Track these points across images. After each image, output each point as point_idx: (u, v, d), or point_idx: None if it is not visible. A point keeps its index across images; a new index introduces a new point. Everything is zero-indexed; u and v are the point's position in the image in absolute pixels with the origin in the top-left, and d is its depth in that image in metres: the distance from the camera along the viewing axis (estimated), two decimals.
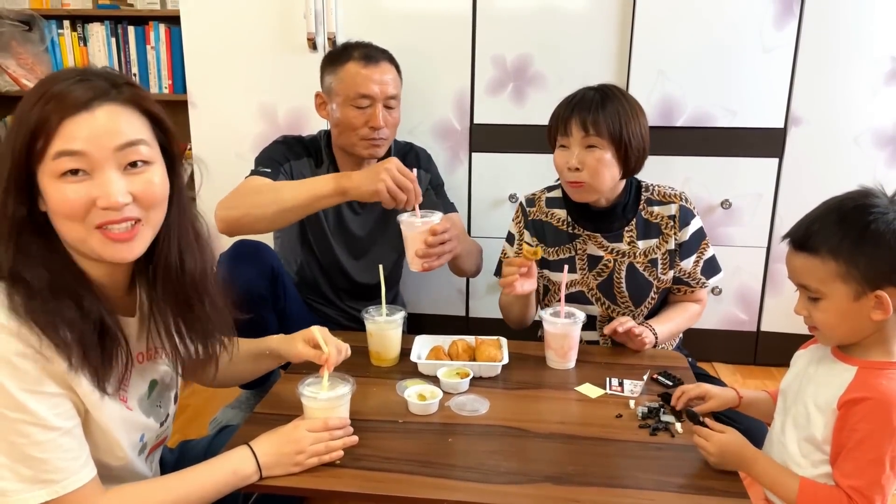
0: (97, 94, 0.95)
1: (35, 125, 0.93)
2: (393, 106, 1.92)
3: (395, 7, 2.40)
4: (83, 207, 0.95)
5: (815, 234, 1.10)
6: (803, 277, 1.13)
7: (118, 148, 0.96)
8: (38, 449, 0.94)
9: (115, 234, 0.98)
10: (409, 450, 1.23)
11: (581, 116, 1.59)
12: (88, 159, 0.94)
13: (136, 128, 0.99)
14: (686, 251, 1.73)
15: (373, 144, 1.90)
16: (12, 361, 0.91)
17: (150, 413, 1.16)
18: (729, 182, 2.39)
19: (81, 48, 2.89)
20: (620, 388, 1.48)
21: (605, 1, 2.31)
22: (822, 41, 2.26)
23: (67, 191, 0.94)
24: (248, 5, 2.43)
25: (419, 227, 1.61)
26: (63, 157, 0.93)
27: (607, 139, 1.58)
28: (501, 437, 1.28)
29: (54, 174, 0.94)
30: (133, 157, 0.98)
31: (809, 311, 1.14)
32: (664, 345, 1.76)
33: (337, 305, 2.12)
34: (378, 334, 1.58)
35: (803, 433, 1.15)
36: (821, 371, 1.17)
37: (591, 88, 1.65)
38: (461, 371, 1.49)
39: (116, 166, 0.96)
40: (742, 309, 2.51)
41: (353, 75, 1.87)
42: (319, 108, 2.01)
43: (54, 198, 0.95)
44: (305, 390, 1.22)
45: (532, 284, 1.61)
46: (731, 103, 2.33)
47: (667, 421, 1.33)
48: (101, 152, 0.95)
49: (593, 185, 1.62)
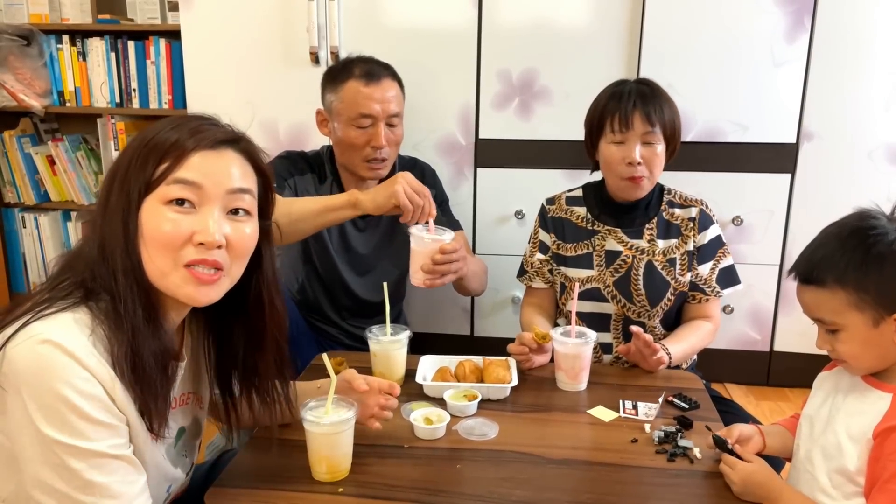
0: (228, 138, 1.02)
1: (168, 148, 0.96)
2: (395, 124, 1.89)
3: (399, 21, 2.37)
4: (180, 237, 0.96)
5: (818, 265, 1.06)
6: (817, 311, 1.08)
7: (230, 191, 1.00)
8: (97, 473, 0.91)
9: (200, 275, 0.98)
10: (416, 477, 1.18)
11: (645, 109, 1.60)
12: (201, 193, 0.97)
13: (248, 178, 1.04)
14: (703, 256, 1.72)
15: (374, 167, 1.88)
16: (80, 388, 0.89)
17: (177, 463, 1.13)
18: (740, 198, 2.35)
19: (80, 63, 2.87)
20: (635, 410, 1.43)
21: (613, 14, 2.28)
22: (833, 55, 2.23)
23: (170, 217, 0.96)
24: (250, 19, 2.41)
25: (429, 243, 1.60)
26: (178, 185, 0.96)
27: (661, 132, 1.62)
28: (512, 464, 1.23)
29: (162, 199, 0.96)
30: (239, 204, 1.01)
31: (832, 345, 1.09)
32: (679, 365, 1.71)
33: (339, 325, 2.07)
34: (382, 354, 1.53)
35: (834, 464, 1.09)
36: (851, 399, 1.11)
37: (637, 81, 1.68)
38: (469, 393, 1.43)
39: (222, 207, 0.99)
40: (754, 328, 2.46)
41: (354, 94, 1.84)
42: (321, 125, 1.97)
43: (153, 224, 0.95)
44: (308, 415, 1.16)
45: (545, 358, 1.62)
46: (741, 118, 2.30)
47: (685, 446, 1.27)
48: (214, 189, 0.98)
49: (652, 181, 1.66)
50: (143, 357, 0.95)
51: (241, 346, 1.14)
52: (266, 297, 1.12)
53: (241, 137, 1.05)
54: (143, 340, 0.95)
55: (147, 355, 0.95)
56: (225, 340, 1.14)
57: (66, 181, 3.05)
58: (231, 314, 1.12)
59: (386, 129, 1.86)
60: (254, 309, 1.12)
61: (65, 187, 3.07)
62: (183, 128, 0.99)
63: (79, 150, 3.04)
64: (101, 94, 2.89)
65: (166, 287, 0.98)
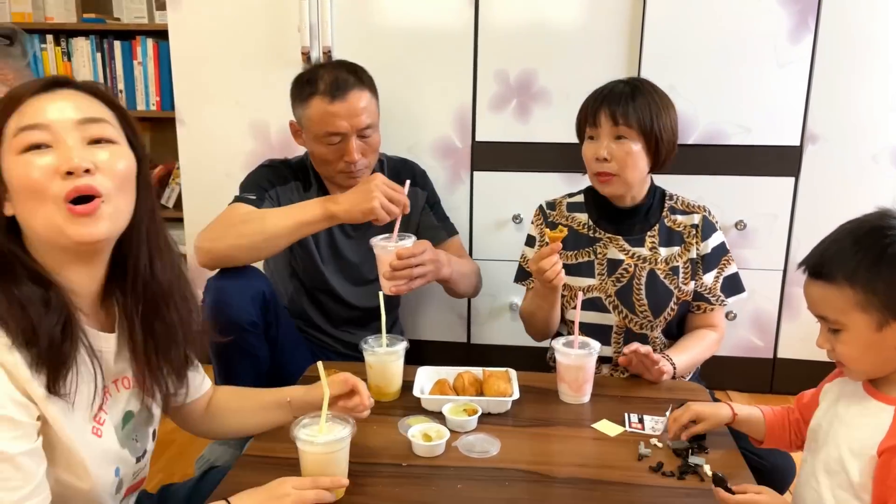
0: (57, 82, 0.99)
1: (6, 102, 0.95)
2: (368, 134, 1.81)
3: (393, 20, 2.31)
4: (46, 176, 0.93)
5: (830, 260, 1.02)
6: (821, 308, 1.04)
7: (80, 121, 0.96)
8: None
9: (78, 209, 0.94)
10: (415, 498, 1.13)
11: (611, 107, 1.58)
12: (51, 131, 0.94)
13: (98, 108, 1.00)
14: (708, 265, 1.69)
15: (352, 177, 1.82)
16: None
17: (125, 445, 1.07)
18: (743, 202, 2.30)
19: (65, 63, 2.81)
20: (641, 424, 1.38)
21: (613, 14, 2.23)
22: (838, 56, 2.19)
23: (30, 162, 0.93)
24: (240, 19, 2.34)
25: (390, 249, 1.62)
26: (25, 132, 0.93)
27: (637, 130, 1.58)
28: (516, 483, 1.18)
29: (17, 150, 0.94)
30: (96, 133, 0.98)
31: (832, 345, 1.05)
32: (682, 376, 1.66)
33: (332, 334, 2.02)
34: (378, 366, 1.47)
35: (836, 480, 1.04)
36: (852, 411, 1.07)
37: (621, 81, 1.65)
38: (469, 407, 1.38)
39: (80, 139, 0.96)
40: (757, 335, 2.41)
41: (320, 113, 1.76)
42: (295, 135, 1.92)
43: (17, 173, 0.93)
44: (301, 433, 1.10)
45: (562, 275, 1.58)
46: (744, 120, 2.25)
47: (696, 463, 1.22)
48: (63, 123, 0.95)
49: (622, 178, 1.60)
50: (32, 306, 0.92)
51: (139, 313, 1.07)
52: (144, 263, 1.06)
53: (77, 80, 1.02)
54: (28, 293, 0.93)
55: (37, 307, 0.92)
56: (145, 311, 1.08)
57: None
58: None
59: (358, 142, 1.79)
60: (133, 276, 1.05)
61: None
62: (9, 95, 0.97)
63: None
64: None
65: (56, 230, 0.94)
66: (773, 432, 1.27)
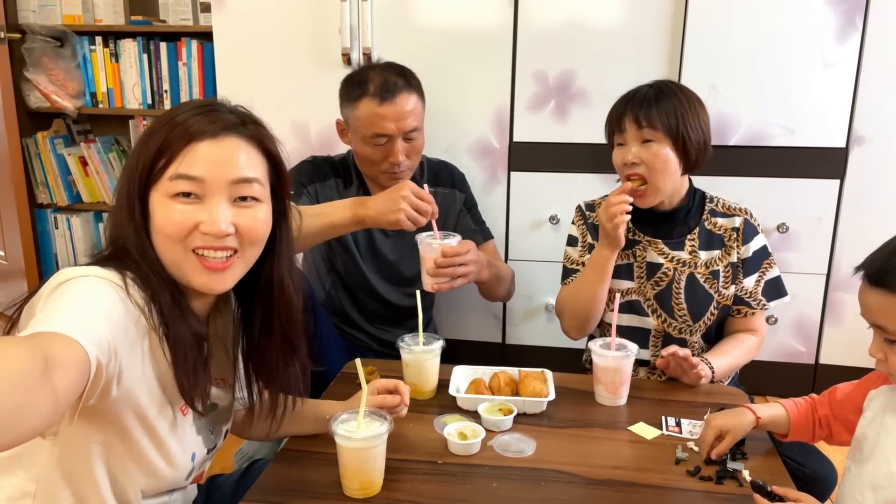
0: (226, 126, 0.99)
1: (160, 146, 0.96)
2: (414, 137, 1.83)
3: (432, 21, 2.32)
4: (186, 229, 0.96)
5: (894, 268, 0.99)
6: (880, 317, 1.01)
7: (234, 181, 0.99)
8: None
9: (210, 263, 0.98)
10: (451, 495, 1.14)
11: (634, 112, 1.57)
12: (203, 186, 0.97)
13: (255, 166, 1.02)
14: (748, 269, 1.65)
15: (395, 177, 1.83)
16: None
17: (201, 432, 1.12)
18: (786, 205, 2.27)
19: (113, 64, 2.87)
20: (678, 428, 1.36)
21: (654, 12, 2.21)
22: (886, 55, 2.14)
23: (175, 210, 0.96)
24: (282, 21, 2.38)
25: (435, 247, 1.64)
26: (180, 180, 0.96)
27: (663, 132, 1.55)
28: (551, 483, 1.17)
29: (167, 194, 0.96)
30: (245, 193, 1.00)
31: (886, 355, 1.02)
32: (721, 380, 1.64)
33: (367, 331, 2.04)
34: (415, 365, 1.48)
35: (883, 495, 1.01)
36: None
37: (645, 85, 1.63)
38: (504, 407, 1.38)
39: (227, 197, 0.99)
40: (799, 340, 2.37)
41: (368, 115, 1.78)
42: (341, 134, 1.94)
43: (161, 216, 0.97)
44: (339, 429, 1.12)
45: None
46: (788, 121, 2.21)
47: (734, 468, 1.20)
48: (217, 181, 0.97)
49: (653, 184, 1.58)
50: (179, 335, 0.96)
51: (256, 331, 1.13)
52: (276, 278, 1.10)
53: (246, 121, 1.03)
54: (174, 321, 0.96)
55: (182, 334, 0.97)
56: (248, 327, 1.14)
57: (98, 182, 3.06)
58: (253, 299, 1.12)
59: (404, 144, 1.81)
60: (264, 290, 1.10)
61: (97, 188, 3.07)
62: (174, 124, 0.97)
63: (111, 152, 3.05)
64: (133, 96, 2.90)
65: (183, 275, 0.99)
66: (797, 428, 1.24)
